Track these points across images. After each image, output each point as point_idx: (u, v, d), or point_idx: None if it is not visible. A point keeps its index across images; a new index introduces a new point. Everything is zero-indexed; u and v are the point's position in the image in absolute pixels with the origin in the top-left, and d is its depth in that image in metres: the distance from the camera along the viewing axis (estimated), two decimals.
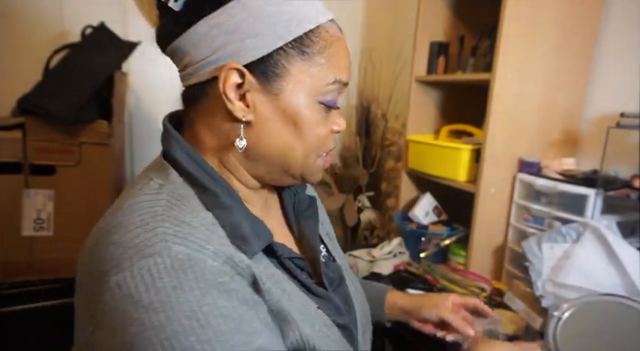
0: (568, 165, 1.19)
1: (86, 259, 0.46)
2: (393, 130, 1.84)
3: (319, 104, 0.52)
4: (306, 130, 0.51)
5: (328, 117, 0.54)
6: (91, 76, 1.26)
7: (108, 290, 0.40)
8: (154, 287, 0.39)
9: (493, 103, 1.11)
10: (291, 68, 0.49)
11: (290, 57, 0.49)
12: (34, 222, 1.19)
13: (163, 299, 0.39)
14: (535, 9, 1.10)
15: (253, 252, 0.48)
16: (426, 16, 1.38)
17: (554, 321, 0.77)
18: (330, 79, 0.51)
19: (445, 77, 1.37)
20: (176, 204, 0.46)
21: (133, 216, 0.45)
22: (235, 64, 0.48)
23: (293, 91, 0.50)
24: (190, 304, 0.39)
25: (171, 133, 0.52)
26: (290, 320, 0.48)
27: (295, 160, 0.53)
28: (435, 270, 1.22)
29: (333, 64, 0.52)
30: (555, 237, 1.01)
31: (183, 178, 0.50)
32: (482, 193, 1.17)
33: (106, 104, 1.29)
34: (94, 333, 0.42)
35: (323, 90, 0.51)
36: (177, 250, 0.41)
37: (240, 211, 0.51)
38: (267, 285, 0.47)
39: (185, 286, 0.40)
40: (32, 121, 1.16)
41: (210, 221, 0.47)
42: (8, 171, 1.16)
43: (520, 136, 1.18)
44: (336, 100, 0.54)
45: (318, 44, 0.50)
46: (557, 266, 0.97)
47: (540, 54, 1.13)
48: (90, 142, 1.21)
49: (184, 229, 0.43)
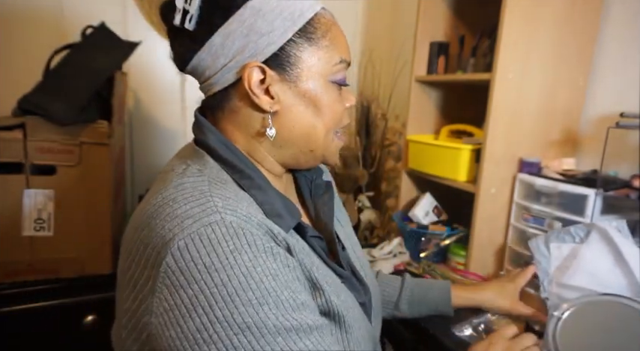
0: (568, 165, 1.19)
1: (136, 235, 0.50)
2: (393, 130, 1.84)
3: (332, 83, 0.58)
4: (325, 109, 0.57)
5: (341, 94, 0.60)
6: (92, 76, 1.26)
7: (169, 255, 0.45)
8: (213, 251, 0.44)
9: (493, 103, 1.11)
10: (302, 55, 0.55)
11: (299, 45, 0.54)
12: (35, 222, 1.19)
13: (223, 261, 0.44)
14: (535, 9, 1.10)
15: (288, 227, 0.54)
16: (426, 16, 1.38)
17: (554, 321, 0.77)
18: (337, 58, 0.57)
19: (445, 77, 1.37)
20: (218, 184, 0.52)
21: (182, 193, 0.50)
22: (255, 63, 0.53)
23: (308, 75, 0.56)
24: (246, 265, 0.45)
25: (204, 124, 0.58)
26: (319, 287, 0.54)
27: (317, 139, 0.59)
28: (435, 270, 1.23)
29: (336, 45, 0.58)
30: (564, 237, 1.01)
31: (218, 163, 0.55)
32: (482, 193, 1.17)
33: (106, 104, 1.29)
34: (150, 296, 0.46)
35: (332, 70, 0.57)
36: (230, 220, 0.47)
37: (273, 192, 0.56)
38: (300, 256, 0.53)
39: (240, 249, 0.45)
40: (33, 121, 1.16)
41: (248, 199, 0.53)
42: (9, 171, 1.16)
43: (520, 136, 1.18)
44: (344, 79, 0.59)
45: (320, 29, 0.56)
46: (563, 266, 0.97)
47: (540, 54, 1.14)
48: (90, 142, 1.21)
49: (231, 204, 0.49)
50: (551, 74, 1.17)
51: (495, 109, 1.12)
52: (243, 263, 0.45)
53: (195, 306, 0.44)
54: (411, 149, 1.44)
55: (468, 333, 0.94)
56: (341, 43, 0.59)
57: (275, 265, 0.47)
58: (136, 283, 0.48)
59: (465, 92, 1.48)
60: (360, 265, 0.72)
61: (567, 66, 1.18)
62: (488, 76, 1.12)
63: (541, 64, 1.15)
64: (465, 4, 1.41)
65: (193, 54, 0.54)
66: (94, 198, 1.23)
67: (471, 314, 1.01)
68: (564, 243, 1.00)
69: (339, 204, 0.82)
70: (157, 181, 0.56)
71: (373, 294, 0.71)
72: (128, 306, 0.49)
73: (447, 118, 1.50)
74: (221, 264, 0.44)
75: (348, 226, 0.81)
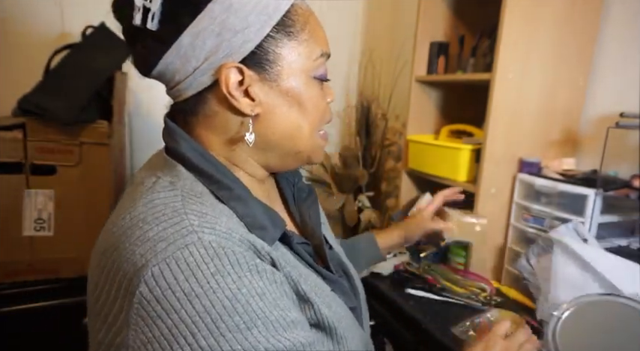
0: (568, 165, 1.19)
1: (104, 261, 0.46)
2: (393, 130, 1.84)
3: (314, 79, 0.54)
4: (310, 107, 0.54)
5: (322, 90, 0.57)
6: (92, 77, 1.26)
7: (142, 284, 0.41)
8: (192, 275, 0.41)
9: (493, 103, 1.11)
10: (282, 51, 0.50)
11: (278, 41, 0.50)
12: (35, 222, 1.19)
13: (204, 285, 0.41)
14: (535, 9, 1.10)
15: (273, 239, 0.50)
16: (426, 16, 1.38)
17: (554, 321, 0.77)
18: (318, 52, 0.53)
19: (445, 77, 1.37)
20: (192, 198, 0.47)
21: (153, 212, 0.45)
22: (232, 63, 0.48)
23: (289, 72, 0.51)
24: (230, 288, 0.41)
25: (176, 130, 0.52)
26: (307, 300, 0.50)
27: (303, 139, 0.55)
28: (435, 270, 1.23)
29: (316, 38, 0.53)
30: (537, 250, 1.03)
31: (193, 174, 0.50)
32: (482, 193, 1.17)
33: (106, 104, 1.29)
34: (127, 330, 0.42)
35: (314, 65, 0.53)
36: (208, 239, 0.43)
37: (254, 203, 0.52)
38: (286, 269, 0.50)
39: (223, 271, 0.42)
40: (33, 121, 1.16)
41: (228, 213, 0.48)
42: (9, 171, 1.16)
43: (520, 136, 1.18)
44: (326, 74, 0.56)
45: (299, 22, 0.52)
46: (546, 278, 0.98)
47: (540, 54, 1.14)
48: (90, 142, 1.21)
49: (209, 220, 0.45)
50: (551, 74, 1.17)
51: (495, 109, 1.12)
52: (227, 286, 0.41)
53: (177, 337, 0.40)
54: (411, 149, 1.44)
55: (468, 333, 0.94)
56: (320, 34, 0.54)
57: (262, 284, 0.44)
58: (108, 314, 0.44)
59: (465, 92, 1.48)
60: (349, 265, 0.71)
61: (567, 66, 1.18)
62: (488, 76, 1.12)
63: (541, 64, 1.15)
64: (465, 4, 1.41)
65: (159, 57, 0.49)
66: (94, 198, 1.23)
67: (471, 314, 1.01)
68: (541, 255, 1.01)
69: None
70: (125, 197, 0.51)
71: (361, 293, 0.69)
72: (101, 338, 0.45)
73: (447, 118, 1.50)
74: (202, 289, 0.40)
75: (329, 227, 0.78)
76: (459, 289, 1.14)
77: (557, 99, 1.19)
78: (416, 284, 1.18)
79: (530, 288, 1.04)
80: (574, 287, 0.90)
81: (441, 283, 1.17)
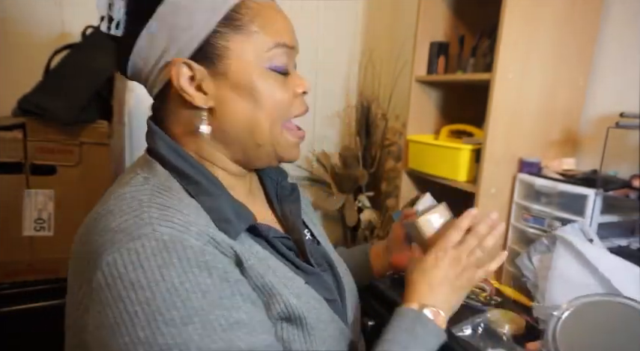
0: (568, 165, 1.19)
1: (78, 246, 0.49)
2: (393, 130, 1.84)
3: (270, 71, 0.54)
4: (263, 99, 0.53)
5: (287, 81, 0.56)
6: (92, 77, 1.26)
7: (99, 270, 0.43)
8: (140, 267, 0.42)
9: (493, 103, 1.11)
10: (230, 45, 0.52)
11: (225, 35, 0.51)
12: (35, 222, 1.19)
13: (149, 277, 0.42)
14: (535, 9, 1.10)
15: (237, 232, 0.51)
16: (426, 16, 1.38)
17: (554, 321, 0.77)
18: (270, 44, 0.53)
19: (445, 77, 1.37)
20: (161, 192, 0.50)
21: (120, 204, 0.48)
22: (179, 59, 0.51)
23: (239, 65, 0.52)
24: (173, 282, 0.42)
25: (155, 131, 0.55)
26: (275, 293, 0.51)
27: (262, 132, 0.55)
28: None
29: (269, 30, 0.53)
30: (541, 248, 1.03)
31: (168, 171, 0.53)
32: (483, 193, 1.17)
33: (106, 104, 1.29)
34: (85, 313, 0.45)
35: (266, 56, 0.53)
36: (162, 232, 0.44)
37: (223, 197, 0.53)
38: (250, 262, 0.50)
39: (169, 264, 0.43)
40: (33, 121, 1.16)
41: (195, 206, 0.50)
42: (9, 171, 1.16)
43: (520, 136, 1.18)
44: (284, 65, 0.55)
45: (248, 15, 0.52)
46: (546, 277, 0.98)
47: (540, 54, 1.14)
48: (90, 142, 1.21)
49: (169, 213, 0.47)
50: (551, 74, 1.17)
51: (495, 109, 1.12)
52: (170, 279, 0.42)
53: (120, 325, 0.41)
54: (411, 149, 1.44)
55: (468, 333, 0.94)
56: (276, 26, 0.54)
57: (209, 281, 0.44)
58: (75, 300, 0.47)
59: (465, 92, 1.48)
60: (338, 262, 0.71)
61: (567, 66, 1.18)
62: (488, 76, 1.12)
63: (541, 64, 1.15)
64: (465, 4, 1.41)
65: (127, 59, 0.54)
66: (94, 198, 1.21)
67: (471, 314, 1.01)
68: (543, 254, 1.01)
69: (309, 204, 0.81)
70: (108, 191, 0.55)
71: (349, 290, 0.69)
72: (71, 323, 0.48)
73: (447, 118, 1.50)
74: (147, 280, 0.42)
75: (319, 225, 0.78)
76: None
77: (557, 99, 1.19)
78: None
79: (529, 286, 1.04)
80: (573, 287, 0.90)
81: None
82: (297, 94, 0.57)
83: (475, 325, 0.96)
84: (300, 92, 0.58)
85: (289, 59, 0.56)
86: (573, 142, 1.26)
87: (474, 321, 0.97)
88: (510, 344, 0.91)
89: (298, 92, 0.58)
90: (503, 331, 0.94)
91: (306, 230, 0.71)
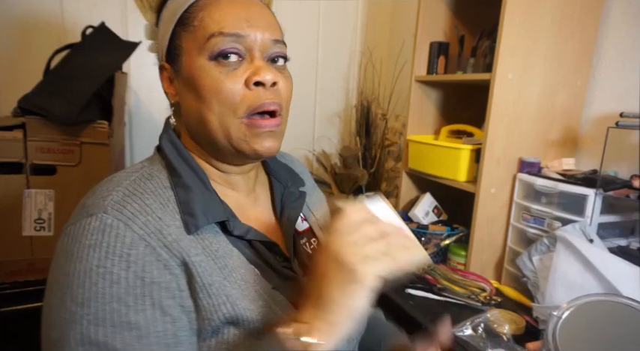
0: (568, 165, 1.19)
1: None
2: (393, 130, 1.84)
3: (212, 61, 0.53)
4: (206, 91, 0.53)
5: (236, 71, 0.53)
6: (92, 77, 1.26)
7: (59, 239, 0.49)
8: (78, 242, 0.46)
9: (493, 103, 1.11)
10: (182, 43, 0.56)
11: (178, 35, 0.56)
12: (35, 222, 1.19)
13: (78, 253, 0.46)
14: (535, 9, 1.10)
15: (196, 226, 0.51)
16: (426, 16, 1.38)
17: (554, 321, 0.77)
18: (207, 34, 0.53)
19: (445, 77, 1.37)
20: (143, 180, 0.53)
21: (102, 185, 0.52)
22: (162, 63, 0.59)
23: (187, 61, 0.55)
24: (92, 263, 0.45)
25: (166, 127, 0.61)
26: (220, 294, 0.50)
27: (210, 125, 0.54)
28: (435, 270, 1.23)
29: (210, 21, 0.54)
30: (541, 248, 1.03)
31: (164, 162, 0.57)
32: (483, 193, 1.17)
33: (107, 104, 1.29)
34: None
35: (206, 47, 0.53)
36: (108, 215, 0.47)
37: (200, 191, 0.55)
38: (198, 257, 0.50)
39: (96, 246, 0.45)
40: (33, 121, 1.16)
41: (167, 198, 0.53)
42: (9, 171, 1.16)
43: (520, 136, 1.18)
44: (223, 50, 0.52)
45: (194, 12, 0.55)
46: (545, 277, 0.98)
47: (540, 54, 1.14)
48: (90, 142, 1.21)
49: (130, 200, 0.49)
50: (551, 74, 1.17)
51: (495, 109, 1.12)
52: (91, 260, 0.45)
53: (49, 290, 0.47)
54: (411, 149, 1.44)
55: (468, 333, 0.94)
56: (217, 16, 0.53)
57: (123, 274, 0.45)
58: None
59: (465, 92, 1.48)
60: None
61: (567, 66, 1.18)
62: (488, 76, 1.12)
63: (541, 64, 1.15)
64: (465, 4, 1.41)
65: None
66: None
67: (471, 314, 1.01)
68: (544, 254, 1.01)
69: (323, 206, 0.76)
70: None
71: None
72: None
73: (446, 118, 1.50)
74: (76, 255, 0.45)
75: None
76: (459, 289, 1.15)
77: (557, 99, 1.19)
78: (416, 284, 1.18)
79: (529, 286, 1.04)
80: (573, 287, 0.91)
81: (441, 283, 1.17)
82: (251, 81, 0.53)
83: (475, 325, 0.96)
84: (255, 80, 0.52)
85: (238, 47, 0.53)
86: (573, 142, 1.26)
87: (473, 321, 0.97)
88: (510, 344, 0.91)
89: (252, 80, 0.52)
90: (503, 331, 0.94)
91: (313, 239, 0.68)
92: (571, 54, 1.18)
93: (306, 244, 0.68)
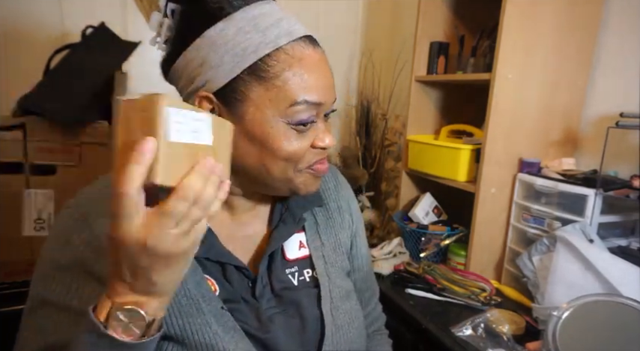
0: (568, 165, 1.19)
1: None
2: (393, 130, 1.84)
3: (288, 124, 0.53)
4: (275, 149, 0.54)
5: (306, 133, 0.55)
6: (92, 77, 1.26)
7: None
8: (55, 226, 0.56)
9: (493, 103, 1.11)
10: (250, 94, 0.52)
11: (248, 83, 0.52)
12: (35, 222, 1.19)
13: (50, 235, 0.56)
14: (535, 9, 1.10)
15: None
16: (426, 16, 1.38)
17: (554, 321, 0.77)
18: (292, 100, 0.52)
19: (445, 77, 1.37)
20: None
21: (99, 180, 0.59)
22: (204, 92, 0.53)
23: (255, 114, 0.53)
24: (48, 247, 0.55)
25: None
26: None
27: (272, 176, 0.56)
28: (435, 270, 1.23)
29: (295, 85, 0.52)
30: (541, 248, 1.03)
31: None
32: (482, 193, 1.17)
33: (106, 104, 1.29)
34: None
35: (287, 112, 0.52)
36: (82, 207, 0.55)
37: None
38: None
39: (60, 231, 0.54)
40: (33, 121, 1.16)
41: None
42: (9, 171, 1.16)
43: (520, 136, 1.18)
44: (304, 122, 0.54)
45: (275, 68, 0.52)
46: (545, 277, 0.98)
47: (540, 54, 1.14)
48: (90, 142, 1.21)
49: (92, 201, 0.55)
50: (551, 74, 1.17)
51: (495, 109, 1.12)
52: (49, 244, 0.55)
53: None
54: (411, 149, 1.44)
55: (468, 333, 0.94)
56: (305, 82, 0.53)
57: (63, 261, 0.53)
58: None
59: (465, 92, 1.48)
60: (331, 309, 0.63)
61: (567, 66, 1.18)
62: (488, 76, 1.12)
63: (541, 64, 1.15)
64: (465, 4, 1.41)
65: (169, 69, 0.57)
66: None
67: (471, 314, 1.01)
68: (544, 254, 1.01)
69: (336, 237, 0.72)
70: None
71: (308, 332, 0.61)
72: None
73: (446, 118, 1.50)
74: (48, 237, 0.56)
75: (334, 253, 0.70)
76: (459, 289, 1.14)
77: (557, 99, 1.19)
78: (416, 284, 1.18)
79: (529, 286, 1.04)
80: (573, 287, 0.90)
81: (441, 283, 1.17)
82: (317, 145, 0.56)
83: (475, 325, 0.96)
84: (319, 146, 0.57)
85: (315, 114, 0.55)
86: (573, 142, 1.26)
87: (473, 321, 0.97)
88: (510, 344, 0.91)
89: (317, 145, 0.57)
90: (504, 331, 0.94)
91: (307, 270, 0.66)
92: (571, 54, 1.18)
93: (294, 274, 0.65)
